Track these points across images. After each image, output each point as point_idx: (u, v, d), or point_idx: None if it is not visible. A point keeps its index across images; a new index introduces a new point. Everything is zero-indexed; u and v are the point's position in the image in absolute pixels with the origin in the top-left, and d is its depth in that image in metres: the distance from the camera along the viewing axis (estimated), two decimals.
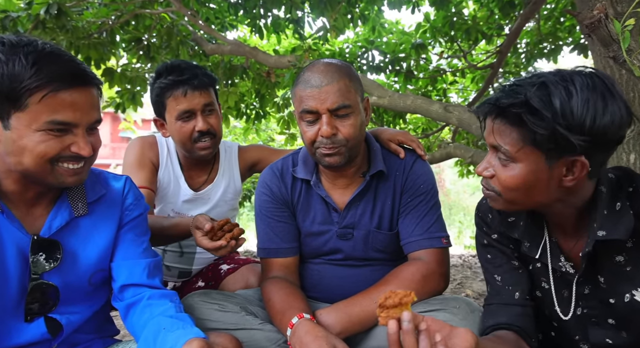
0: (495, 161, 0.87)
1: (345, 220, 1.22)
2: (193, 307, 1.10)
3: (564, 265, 0.91)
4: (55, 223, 0.90)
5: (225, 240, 1.08)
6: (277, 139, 6.53)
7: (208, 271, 1.63)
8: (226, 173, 1.58)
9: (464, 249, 5.53)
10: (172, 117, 1.39)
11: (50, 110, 0.80)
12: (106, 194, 0.99)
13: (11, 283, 0.85)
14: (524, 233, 0.96)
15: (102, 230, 0.97)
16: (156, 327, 0.86)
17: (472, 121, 2.36)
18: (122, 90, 3.95)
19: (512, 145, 0.82)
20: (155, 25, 3.60)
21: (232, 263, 1.60)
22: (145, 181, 1.40)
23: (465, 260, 4.64)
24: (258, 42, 4.69)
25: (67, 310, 0.91)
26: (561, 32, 3.93)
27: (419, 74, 4.15)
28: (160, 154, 1.51)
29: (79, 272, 0.93)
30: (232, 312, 1.11)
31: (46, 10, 2.72)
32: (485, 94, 4.45)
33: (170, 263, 1.60)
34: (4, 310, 0.85)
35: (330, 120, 1.10)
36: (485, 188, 0.91)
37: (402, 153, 1.26)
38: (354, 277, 1.23)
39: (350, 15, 3.51)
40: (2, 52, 0.78)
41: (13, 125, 0.80)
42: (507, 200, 0.88)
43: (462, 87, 5.05)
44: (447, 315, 1.03)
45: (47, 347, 0.91)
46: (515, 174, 0.83)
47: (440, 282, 1.14)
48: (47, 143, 0.81)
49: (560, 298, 0.93)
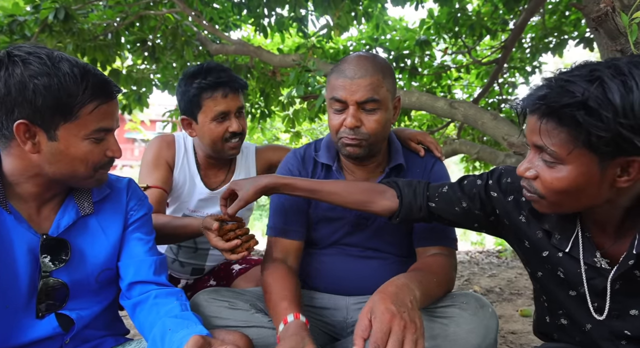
0: (539, 162, 0.80)
1: None
2: (202, 304, 1.11)
3: (599, 261, 0.87)
4: (63, 223, 0.94)
5: (241, 249, 1.11)
6: (282, 138, 6.54)
7: (220, 270, 1.65)
8: (243, 173, 1.60)
9: (470, 246, 5.51)
10: (207, 117, 1.41)
11: (98, 120, 0.88)
12: (110, 194, 1.03)
13: (22, 282, 0.88)
14: (556, 225, 0.91)
15: (108, 229, 1.00)
16: (163, 328, 0.89)
17: (478, 117, 2.35)
18: (128, 91, 3.98)
19: (561, 147, 0.74)
20: (160, 26, 3.62)
21: (244, 263, 1.61)
22: (159, 181, 1.43)
23: (472, 257, 4.63)
24: (262, 42, 4.70)
25: (77, 306, 0.95)
26: (566, 26, 3.89)
27: (424, 70, 4.14)
28: (177, 153, 1.52)
29: (87, 270, 0.96)
30: (242, 309, 1.12)
31: (54, 14, 2.75)
32: (491, 89, 4.42)
33: (184, 260, 1.62)
34: (16, 307, 0.88)
35: (356, 112, 1.12)
36: (527, 190, 0.85)
37: (422, 151, 1.30)
38: (364, 270, 1.24)
39: (354, 12, 3.50)
40: (47, 66, 0.82)
41: (60, 135, 0.86)
42: (552, 202, 0.82)
43: (467, 84, 5.03)
44: (456, 310, 1.03)
45: (59, 342, 0.94)
46: (563, 176, 0.76)
47: (454, 281, 1.16)
48: (93, 150, 0.90)
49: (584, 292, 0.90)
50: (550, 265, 0.94)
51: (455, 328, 1.02)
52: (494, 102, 4.64)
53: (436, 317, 1.04)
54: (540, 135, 0.76)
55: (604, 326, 0.89)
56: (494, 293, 2.84)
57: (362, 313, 0.85)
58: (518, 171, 0.84)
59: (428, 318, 1.04)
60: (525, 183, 0.85)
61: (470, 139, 4.59)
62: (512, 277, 3.36)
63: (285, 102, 4.25)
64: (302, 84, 2.82)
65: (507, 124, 2.26)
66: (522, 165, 0.84)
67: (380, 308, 0.83)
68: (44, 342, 0.91)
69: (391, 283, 0.92)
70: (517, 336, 1.89)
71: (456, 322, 1.02)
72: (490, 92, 4.52)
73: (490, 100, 4.66)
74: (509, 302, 2.57)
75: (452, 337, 1.01)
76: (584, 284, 0.88)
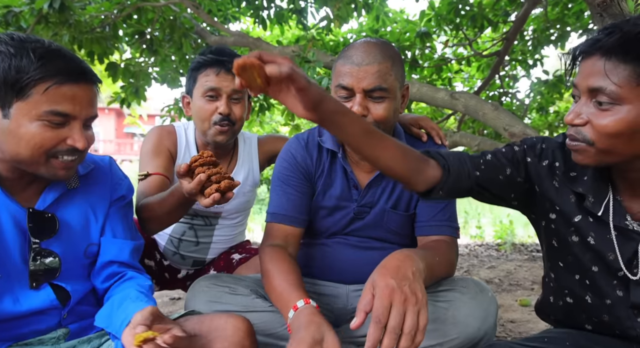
0: (589, 108, 0.80)
1: (365, 199, 1.22)
2: (203, 290, 1.11)
3: (631, 224, 0.87)
4: (50, 197, 0.95)
5: (210, 191, 0.99)
6: (281, 131, 6.52)
7: (220, 260, 1.63)
8: (245, 164, 1.58)
9: (470, 239, 5.52)
10: (199, 93, 1.41)
11: (51, 101, 0.85)
12: (94, 170, 1.04)
13: (12, 253, 0.90)
14: (590, 188, 0.90)
15: (94, 204, 1.02)
16: (123, 295, 0.93)
17: (479, 108, 2.34)
18: (125, 85, 3.96)
19: (623, 85, 0.74)
20: (158, 19, 3.59)
21: (244, 252, 1.60)
22: (160, 168, 1.40)
23: (472, 250, 4.63)
24: (261, 34, 4.67)
25: (71, 280, 0.96)
26: (569, 18, 3.86)
27: (424, 63, 4.12)
28: (179, 143, 1.50)
29: (76, 243, 0.98)
30: (242, 295, 1.12)
31: (50, 4, 2.72)
32: (491, 82, 4.40)
33: (185, 253, 1.60)
34: (9, 277, 0.90)
35: (363, 100, 1.08)
36: (574, 138, 0.83)
37: (425, 136, 1.26)
38: (366, 260, 1.23)
39: (354, 4, 3.47)
40: (11, 46, 0.84)
41: (13, 114, 0.85)
42: (601, 149, 0.80)
43: (467, 76, 5.01)
44: (456, 294, 1.04)
45: (57, 316, 0.96)
46: (620, 117, 0.76)
47: (455, 265, 1.15)
48: (44, 134, 0.86)
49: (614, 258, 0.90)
50: (580, 231, 0.93)
51: (454, 312, 1.02)
52: (494, 95, 4.62)
53: (436, 301, 1.04)
54: (598, 76, 0.76)
55: (624, 300, 0.89)
56: (493, 284, 2.85)
57: (365, 288, 0.85)
58: (566, 119, 0.83)
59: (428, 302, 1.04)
60: (573, 131, 0.83)
61: (471, 132, 4.58)
62: (511, 269, 3.36)
63: None
64: None
65: (508, 114, 2.25)
66: (570, 114, 0.82)
67: (381, 284, 0.83)
68: (43, 315, 0.93)
69: (393, 256, 0.91)
70: (516, 325, 1.90)
71: (456, 305, 1.02)
72: (491, 84, 4.50)
73: (491, 93, 4.64)
74: (508, 293, 2.58)
75: (452, 320, 1.01)
76: (616, 248, 0.88)
